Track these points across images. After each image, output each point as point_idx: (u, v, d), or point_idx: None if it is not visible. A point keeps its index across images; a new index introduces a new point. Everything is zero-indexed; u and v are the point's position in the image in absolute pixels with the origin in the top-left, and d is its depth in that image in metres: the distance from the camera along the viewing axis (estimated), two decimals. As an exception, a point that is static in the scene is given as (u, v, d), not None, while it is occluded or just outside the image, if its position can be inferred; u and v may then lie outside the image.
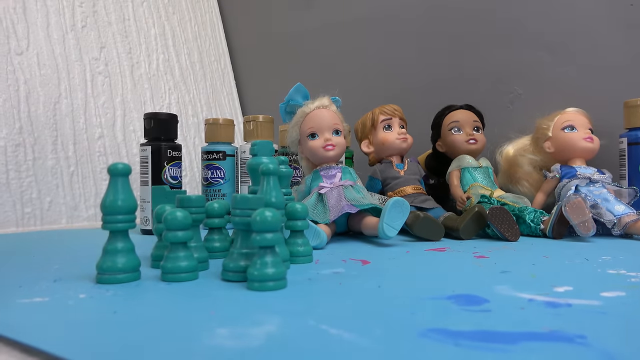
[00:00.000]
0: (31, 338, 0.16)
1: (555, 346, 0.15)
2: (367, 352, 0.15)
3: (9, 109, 0.64)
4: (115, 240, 0.26)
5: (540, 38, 0.66)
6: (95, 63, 0.77)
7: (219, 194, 0.60)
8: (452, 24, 0.75)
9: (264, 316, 0.18)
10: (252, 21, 1.05)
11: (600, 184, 0.50)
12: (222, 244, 0.34)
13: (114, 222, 0.25)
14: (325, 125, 0.47)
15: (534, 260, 0.33)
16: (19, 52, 0.67)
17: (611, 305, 0.20)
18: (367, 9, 0.86)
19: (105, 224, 0.25)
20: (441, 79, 0.76)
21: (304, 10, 0.95)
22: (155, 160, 0.54)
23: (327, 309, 0.20)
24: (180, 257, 0.26)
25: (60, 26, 0.73)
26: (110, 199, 0.25)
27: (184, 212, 0.26)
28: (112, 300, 0.21)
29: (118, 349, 0.15)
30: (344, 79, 0.87)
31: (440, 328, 0.17)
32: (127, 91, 0.80)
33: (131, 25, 0.85)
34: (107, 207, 0.25)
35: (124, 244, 0.26)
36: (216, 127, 0.62)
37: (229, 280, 0.26)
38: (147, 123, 0.55)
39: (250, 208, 0.26)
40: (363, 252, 0.37)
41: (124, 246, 0.26)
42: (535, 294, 0.22)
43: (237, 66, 1.08)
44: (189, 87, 0.93)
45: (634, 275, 0.27)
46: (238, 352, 0.15)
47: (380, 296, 0.22)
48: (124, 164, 0.25)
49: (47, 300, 0.21)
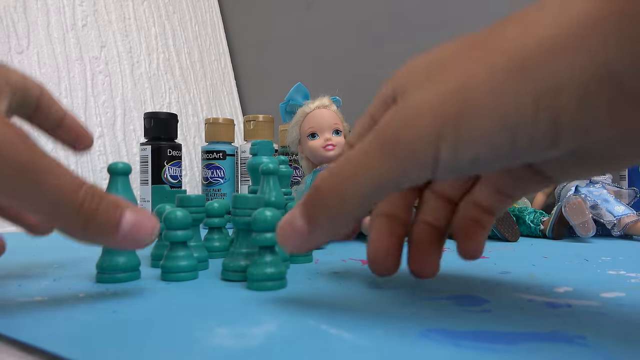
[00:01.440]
0: (31, 337, 0.16)
1: (555, 346, 0.15)
2: (367, 352, 0.15)
3: (9, 108, 0.64)
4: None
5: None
6: (96, 62, 0.77)
7: (219, 193, 0.60)
8: (452, 24, 0.75)
9: (264, 316, 0.18)
10: (252, 21, 1.05)
11: (600, 185, 0.50)
12: (222, 244, 0.34)
13: None
14: (325, 125, 0.47)
15: (534, 260, 0.33)
16: (19, 51, 0.67)
17: (611, 306, 0.20)
18: (367, 9, 0.86)
19: None
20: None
21: (304, 10, 0.95)
22: (155, 159, 0.54)
23: (327, 309, 0.20)
24: (180, 257, 0.26)
25: (60, 25, 0.73)
26: None
27: (184, 212, 0.26)
28: (111, 300, 0.21)
29: (118, 348, 0.15)
30: (344, 79, 0.87)
31: (440, 328, 0.17)
32: (128, 90, 0.80)
33: (131, 24, 0.85)
34: None
35: None
36: (216, 126, 0.62)
37: (229, 280, 0.26)
38: (147, 122, 0.55)
39: (250, 208, 0.26)
40: (363, 252, 0.37)
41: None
42: (535, 294, 0.22)
43: (237, 66, 1.07)
44: (189, 86, 0.93)
45: (633, 276, 0.27)
46: (238, 352, 0.15)
47: (380, 296, 0.22)
48: (124, 163, 0.25)
49: (46, 299, 0.21)
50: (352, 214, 0.17)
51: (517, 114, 0.14)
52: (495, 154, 0.15)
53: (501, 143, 0.14)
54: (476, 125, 0.14)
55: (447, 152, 0.15)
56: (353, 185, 0.17)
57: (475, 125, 0.14)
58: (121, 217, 0.19)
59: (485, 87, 0.14)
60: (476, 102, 0.14)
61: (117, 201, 0.19)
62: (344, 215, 0.17)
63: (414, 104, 0.16)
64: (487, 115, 0.14)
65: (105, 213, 0.19)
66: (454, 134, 0.15)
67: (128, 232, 0.19)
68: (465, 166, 0.15)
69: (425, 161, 0.15)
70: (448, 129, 0.15)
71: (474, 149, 0.15)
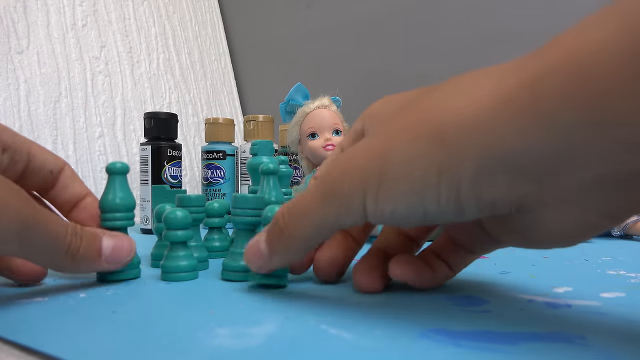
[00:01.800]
0: (30, 338, 0.16)
1: (555, 347, 0.15)
2: (367, 352, 0.15)
3: (9, 108, 0.64)
4: None
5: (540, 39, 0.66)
6: (96, 62, 0.77)
7: (219, 193, 0.60)
8: (452, 24, 0.75)
9: (264, 316, 0.18)
10: (252, 21, 1.05)
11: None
12: (222, 244, 0.34)
13: (113, 219, 0.25)
14: (325, 125, 0.47)
15: (534, 260, 0.33)
16: (19, 51, 0.67)
17: (611, 306, 0.20)
18: (367, 9, 0.86)
19: (104, 221, 0.25)
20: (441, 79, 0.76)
21: (304, 10, 0.95)
22: (155, 159, 0.54)
23: (327, 309, 0.20)
24: (180, 257, 0.26)
25: (60, 25, 0.73)
26: (108, 197, 0.25)
27: (184, 212, 0.26)
28: (111, 300, 0.21)
29: (118, 349, 0.15)
30: (344, 79, 0.87)
31: (440, 328, 0.17)
32: (128, 90, 0.80)
33: (131, 24, 0.85)
34: (105, 205, 0.25)
35: None
36: (216, 126, 0.62)
37: (229, 280, 0.26)
38: (147, 122, 0.55)
39: (250, 208, 0.26)
40: (363, 252, 0.37)
41: None
42: (535, 294, 0.22)
43: (237, 66, 1.07)
44: (189, 86, 0.93)
45: (633, 276, 0.27)
46: (238, 352, 0.15)
47: (380, 296, 0.22)
48: (122, 162, 0.26)
49: (46, 300, 0.21)
50: (301, 247, 0.20)
51: (424, 181, 0.16)
52: (410, 211, 0.17)
53: (413, 203, 0.16)
54: (393, 186, 0.17)
55: (371, 205, 0.17)
56: (301, 224, 0.20)
57: (392, 186, 0.17)
58: (101, 245, 0.23)
59: (402, 155, 0.16)
60: (394, 166, 0.17)
61: (94, 232, 0.23)
62: (295, 247, 0.20)
63: (350, 156, 0.18)
64: (401, 179, 0.16)
65: (88, 246, 0.22)
66: (375, 191, 0.17)
67: (110, 256, 0.23)
68: (387, 218, 0.17)
69: (356, 210, 0.18)
70: (371, 186, 0.17)
71: (391, 205, 0.17)
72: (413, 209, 0.17)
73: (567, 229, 0.16)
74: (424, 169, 0.16)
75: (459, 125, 0.15)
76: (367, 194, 0.17)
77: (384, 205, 0.17)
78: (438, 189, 0.16)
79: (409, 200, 0.16)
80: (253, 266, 0.22)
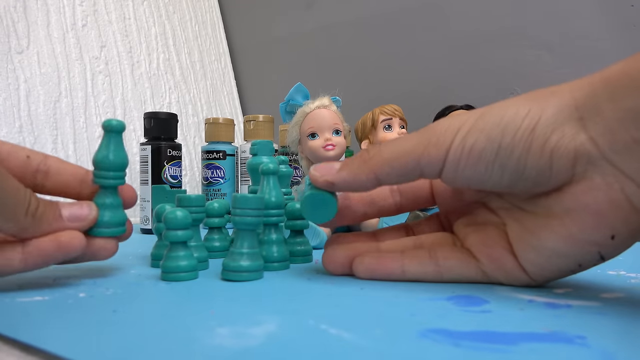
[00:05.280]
0: (31, 337, 0.16)
1: (555, 347, 0.15)
2: (367, 352, 0.15)
3: (9, 108, 0.64)
4: (104, 196, 0.26)
5: (540, 38, 0.66)
6: (96, 62, 0.77)
7: (219, 193, 0.60)
8: (452, 24, 0.75)
9: (264, 316, 0.18)
10: (252, 21, 1.05)
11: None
12: (222, 244, 0.34)
13: (105, 177, 0.26)
14: (325, 125, 0.47)
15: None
16: (19, 51, 0.67)
17: (611, 306, 0.20)
18: (367, 9, 0.86)
19: (97, 178, 0.26)
20: (441, 79, 0.76)
21: (304, 10, 0.95)
22: (155, 159, 0.54)
23: (327, 309, 0.20)
24: (180, 257, 0.26)
25: (60, 25, 0.73)
26: (102, 154, 0.26)
27: (184, 212, 0.26)
28: (111, 299, 0.21)
29: (118, 348, 0.15)
30: (344, 79, 0.87)
31: (440, 328, 0.17)
32: (128, 90, 0.80)
33: (131, 24, 0.85)
34: (98, 162, 0.26)
35: (112, 200, 0.26)
36: (216, 126, 0.62)
37: (229, 280, 0.26)
38: (147, 122, 0.55)
39: (250, 208, 0.26)
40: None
41: (111, 202, 0.26)
42: (535, 294, 0.22)
43: (237, 66, 1.07)
44: (189, 86, 0.93)
45: (633, 276, 0.27)
46: (238, 352, 0.15)
47: (380, 296, 0.22)
48: (118, 120, 0.26)
49: (46, 299, 0.21)
50: (377, 171, 0.22)
51: (515, 115, 0.20)
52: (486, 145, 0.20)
53: (494, 136, 0.20)
54: (482, 122, 0.21)
55: (458, 139, 0.21)
56: (390, 148, 0.22)
57: (481, 122, 0.21)
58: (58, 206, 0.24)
59: (499, 107, 0.21)
60: (491, 110, 0.21)
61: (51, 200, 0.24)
62: (369, 169, 0.23)
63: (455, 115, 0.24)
64: (493, 115, 0.21)
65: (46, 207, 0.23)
66: (468, 127, 0.21)
67: (70, 215, 0.24)
68: (465, 155, 0.21)
69: (443, 143, 0.21)
70: (465, 124, 0.21)
71: (473, 138, 0.21)
72: (491, 142, 0.20)
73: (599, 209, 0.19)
74: (517, 107, 0.20)
75: (552, 90, 0.21)
76: (460, 130, 0.21)
77: (469, 138, 0.20)
78: (522, 122, 0.20)
79: (491, 132, 0.20)
80: (317, 172, 0.24)
